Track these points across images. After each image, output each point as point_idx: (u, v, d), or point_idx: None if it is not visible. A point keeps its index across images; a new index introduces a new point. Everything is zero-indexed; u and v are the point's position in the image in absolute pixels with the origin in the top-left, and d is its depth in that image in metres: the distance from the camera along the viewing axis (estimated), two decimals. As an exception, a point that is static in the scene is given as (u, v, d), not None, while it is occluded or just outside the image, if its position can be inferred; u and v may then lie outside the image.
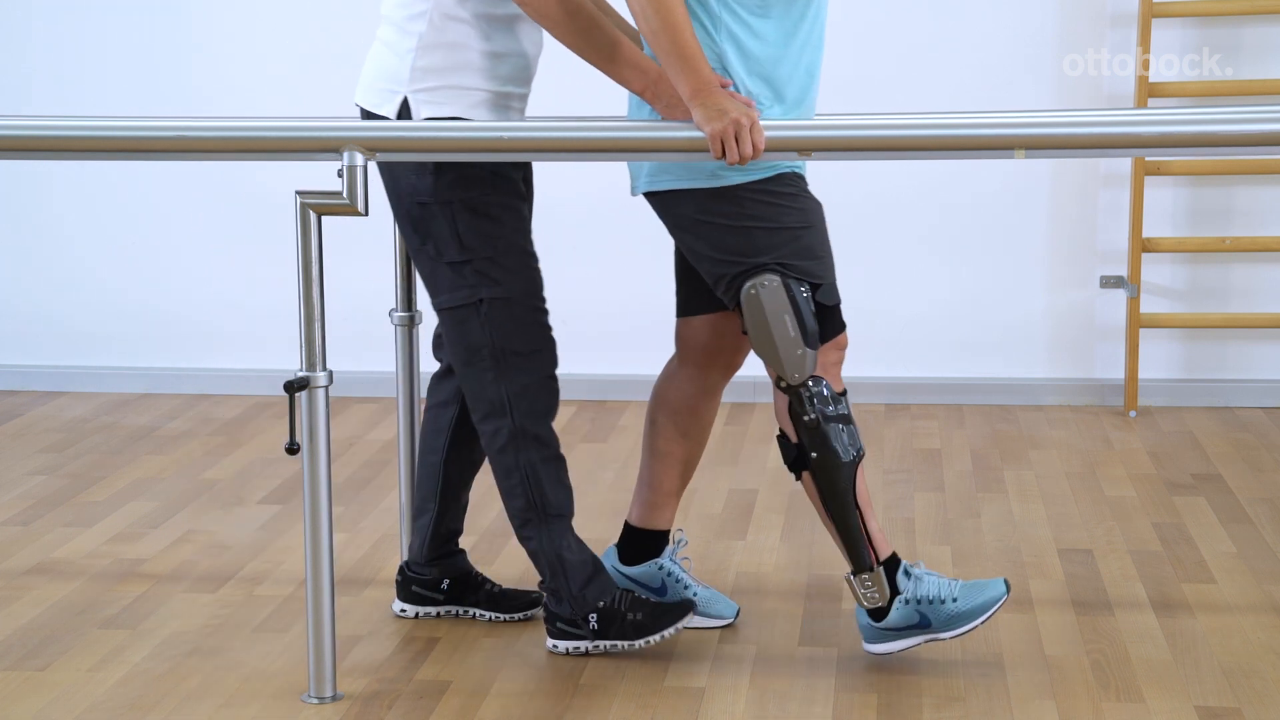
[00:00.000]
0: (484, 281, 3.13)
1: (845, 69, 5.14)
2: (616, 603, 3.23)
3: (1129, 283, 5.05)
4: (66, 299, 5.64)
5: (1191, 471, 4.47)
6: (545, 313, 3.22)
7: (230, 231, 5.51)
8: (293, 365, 3.11)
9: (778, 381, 3.10)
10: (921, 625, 3.14)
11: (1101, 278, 5.14)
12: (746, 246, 3.06)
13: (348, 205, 2.99)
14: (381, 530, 4.04)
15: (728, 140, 2.90)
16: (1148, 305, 5.13)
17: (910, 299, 5.28)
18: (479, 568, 3.58)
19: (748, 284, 3.05)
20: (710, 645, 3.31)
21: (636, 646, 3.22)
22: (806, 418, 3.08)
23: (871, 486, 4.34)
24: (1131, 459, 4.60)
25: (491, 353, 3.17)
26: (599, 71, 3.10)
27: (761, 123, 2.94)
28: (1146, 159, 4.96)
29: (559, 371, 3.26)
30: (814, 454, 3.10)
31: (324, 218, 3.01)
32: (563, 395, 3.27)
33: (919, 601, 3.13)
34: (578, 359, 4.98)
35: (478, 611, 3.46)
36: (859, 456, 3.12)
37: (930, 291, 5.27)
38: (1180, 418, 5.03)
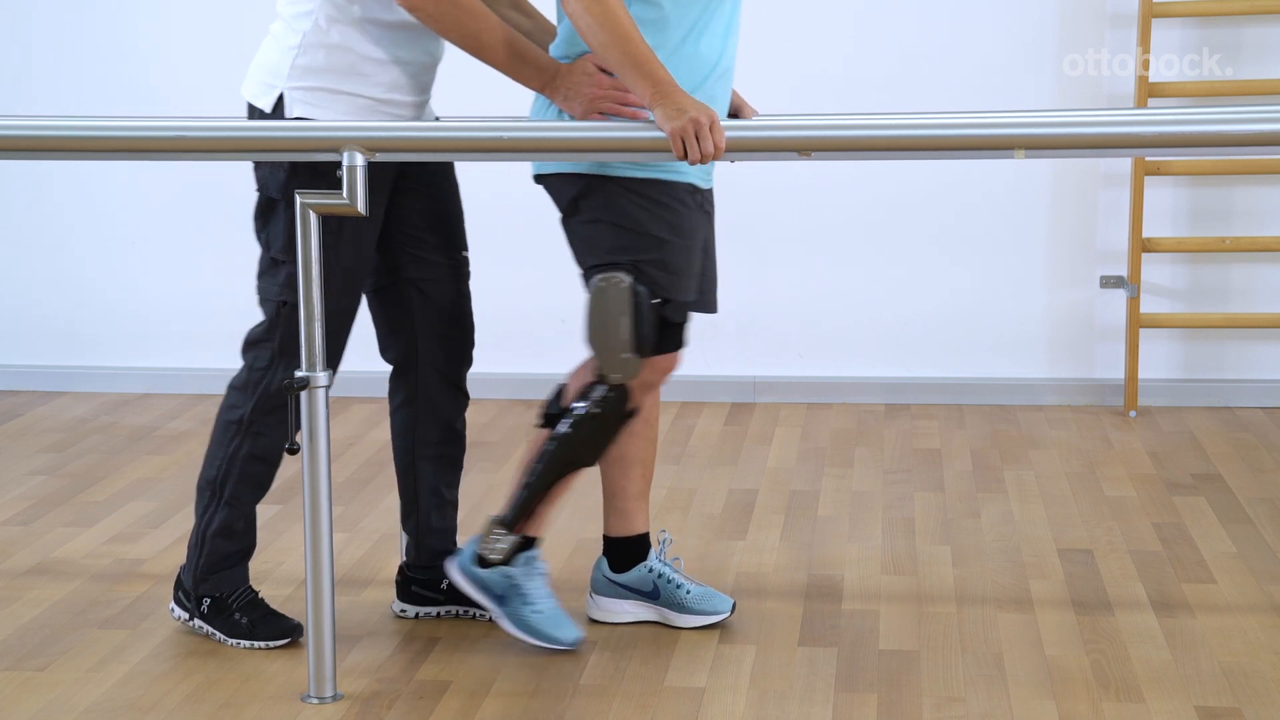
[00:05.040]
0: (293, 287, 3.15)
1: (845, 69, 5.17)
2: (233, 598, 3.33)
3: (1129, 283, 5.05)
4: (66, 299, 5.63)
5: (1191, 471, 4.47)
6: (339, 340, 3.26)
7: (231, 231, 5.49)
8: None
9: (597, 372, 3.16)
10: (500, 599, 3.28)
11: (1101, 278, 5.14)
12: (606, 242, 3.12)
13: (347, 205, 3.00)
14: (381, 530, 4.04)
15: (688, 138, 2.92)
16: (1148, 305, 5.13)
17: (910, 299, 5.28)
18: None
19: (598, 277, 3.10)
20: (710, 645, 3.31)
21: (232, 644, 3.31)
22: (592, 407, 3.16)
23: (871, 486, 4.34)
24: (1131, 459, 4.60)
25: (274, 350, 3.25)
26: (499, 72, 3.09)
27: (759, 120, 2.95)
28: (1146, 159, 4.96)
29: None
30: (568, 430, 3.18)
31: (324, 218, 3.02)
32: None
33: (516, 586, 3.27)
34: (578, 359, 4.98)
35: (478, 611, 3.45)
36: (589, 463, 3.23)
37: (930, 291, 5.27)
38: (1180, 418, 5.03)
